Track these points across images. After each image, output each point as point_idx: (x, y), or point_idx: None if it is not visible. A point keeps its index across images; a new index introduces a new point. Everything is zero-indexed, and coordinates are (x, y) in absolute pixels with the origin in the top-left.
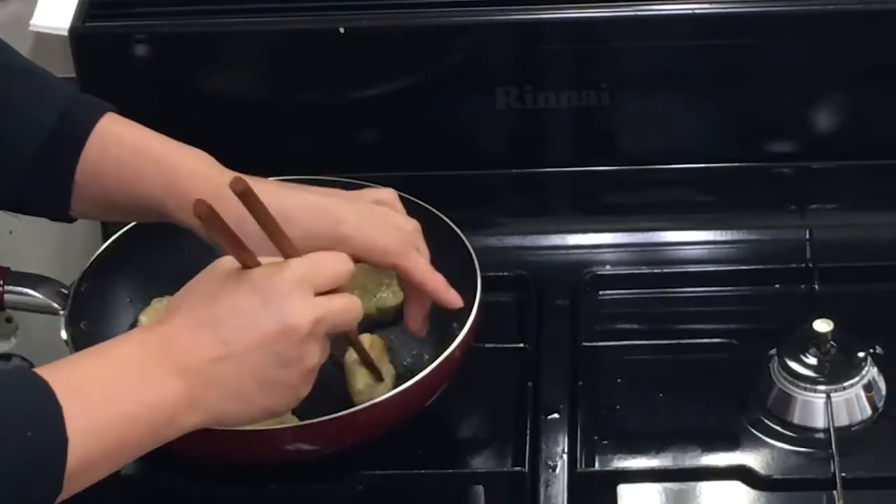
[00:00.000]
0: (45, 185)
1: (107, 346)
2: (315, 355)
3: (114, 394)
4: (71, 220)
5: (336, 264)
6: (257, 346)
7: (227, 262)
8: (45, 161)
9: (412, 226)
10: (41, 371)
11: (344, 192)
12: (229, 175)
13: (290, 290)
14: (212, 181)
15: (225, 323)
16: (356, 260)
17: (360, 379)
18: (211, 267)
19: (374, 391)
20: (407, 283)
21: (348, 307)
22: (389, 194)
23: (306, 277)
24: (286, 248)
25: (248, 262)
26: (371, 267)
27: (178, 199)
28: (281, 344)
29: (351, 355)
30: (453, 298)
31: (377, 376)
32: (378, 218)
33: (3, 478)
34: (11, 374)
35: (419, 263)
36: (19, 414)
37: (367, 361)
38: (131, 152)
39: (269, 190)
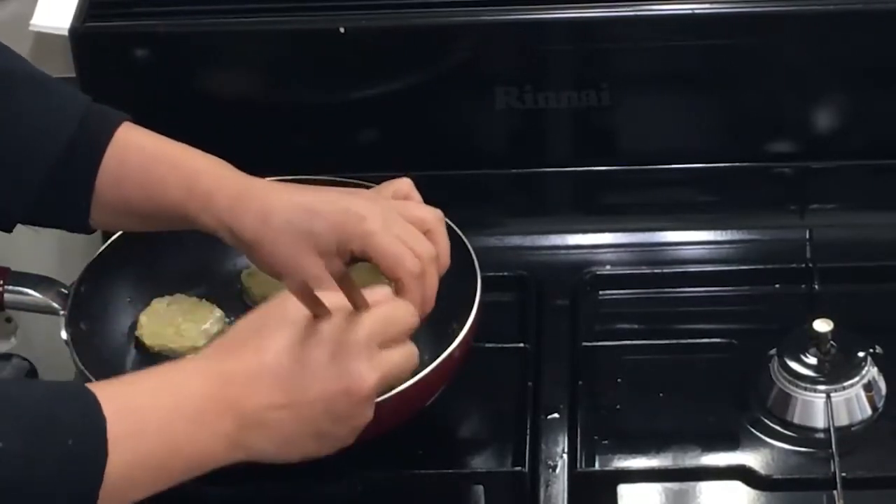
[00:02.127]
0: (64, 196)
1: (167, 371)
2: (369, 414)
3: (165, 424)
4: (90, 231)
5: (405, 318)
6: (317, 401)
7: (301, 310)
8: (64, 171)
9: (434, 216)
10: (95, 386)
11: (364, 190)
12: (247, 179)
13: (360, 350)
14: (232, 184)
15: (291, 374)
16: (363, 259)
17: None
18: (283, 307)
19: None
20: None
21: (408, 361)
22: (406, 184)
23: (376, 335)
24: (358, 302)
25: (320, 314)
26: (369, 267)
27: (199, 202)
28: (341, 402)
29: None
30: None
31: None
32: (400, 222)
33: (39, 482)
34: (63, 384)
35: (415, 293)
36: (63, 421)
37: None
38: (151, 158)
39: (294, 187)
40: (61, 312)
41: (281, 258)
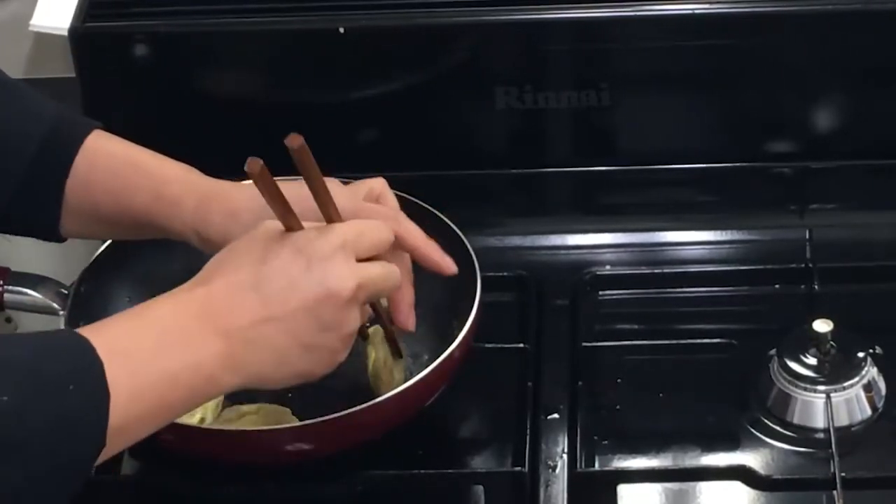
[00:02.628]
0: (34, 203)
1: (146, 307)
2: (355, 321)
3: (155, 354)
4: (60, 239)
5: (378, 231)
6: (300, 310)
7: (271, 224)
8: (33, 178)
9: (378, 182)
10: (84, 331)
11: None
12: (214, 182)
13: (333, 254)
14: (198, 188)
15: (268, 285)
16: None
17: (381, 351)
18: (254, 230)
19: (391, 370)
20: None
21: (388, 274)
22: (380, 183)
23: (349, 243)
24: (331, 214)
25: (292, 225)
26: None
27: (167, 208)
28: (323, 308)
29: (374, 330)
30: (448, 264)
31: (396, 352)
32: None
33: (45, 431)
34: (54, 333)
35: (412, 229)
36: (61, 369)
37: (390, 337)
38: (120, 164)
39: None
40: (61, 312)
41: None
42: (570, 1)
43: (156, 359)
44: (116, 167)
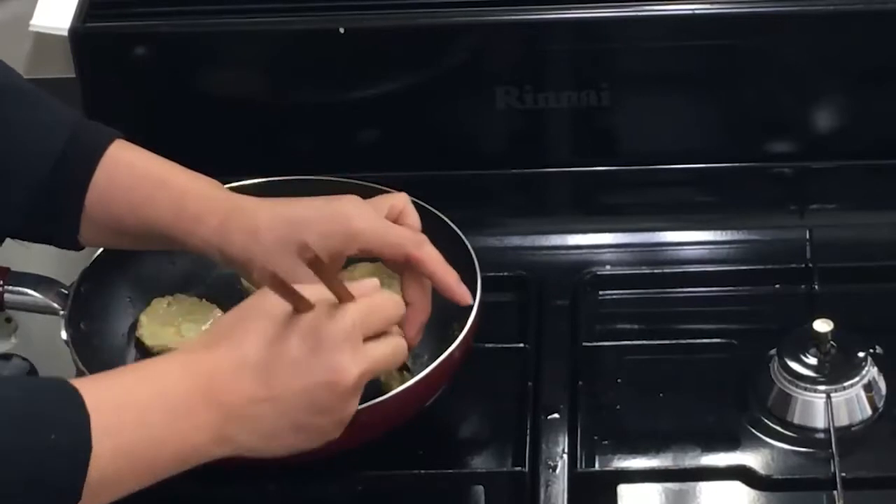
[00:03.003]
0: (53, 212)
1: (149, 365)
2: (353, 407)
3: (148, 417)
4: (79, 247)
5: (388, 309)
6: (300, 394)
7: (279, 305)
8: (53, 187)
9: (400, 198)
10: (77, 382)
11: (351, 196)
12: (237, 198)
13: (341, 342)
14: (220, 205)
15: (272, 367)
16: (366, 257)
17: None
18: (262, 301)
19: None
20: (412, 284)
21: (395, 353)
22: (402, 199)
23: (358, 325)
24: (341, 294)
25: (301, 308)
26: (373, 269)
27: (188, 225)
28: (324, 394)
29: None
30: (463, 294)
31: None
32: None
33: (22, 478)
34: (46, 379)
35: (433, 254)
36: (46, 416)
37: None
38: (142, 177)
39: (281, 201)
40: (61, 312)
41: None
42: (570, 1)
43: (147, 422)
44: (137, 180)
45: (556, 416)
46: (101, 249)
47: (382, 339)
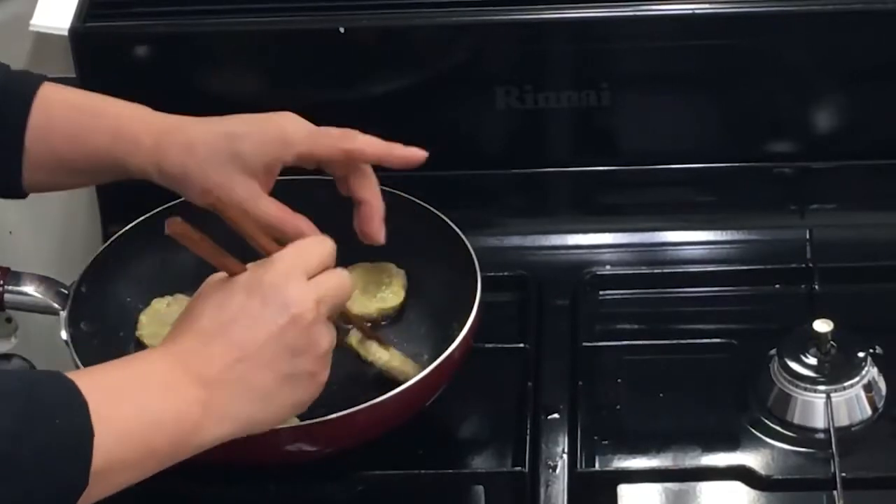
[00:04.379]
0: None
1: (129, 359)
2: (325, 337)
3: (139, 400)
4: (24, 194)
5: (319, 246)
6: (269, 342)
7: (216, 276)
8: None
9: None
10: (69, 374)
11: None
12: (171, 118)
13: (284, 282)
14: (155, 123)
15: (232, 328)
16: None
17: (376, 351)
18: (201, 288)
19: (401, 361)
20: (359, 182)
21: (342, 282)
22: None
23: (295, 266)
24: (267, 247)
25: (233, 269)
26: (369, 267)
27: (126, 146)
28: (290, 334)
29: (354, 335)
30: (415, 152)
31: (382, 343)
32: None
33: (34, 462)
34: (41, 372)
35: (369, 140)
36: (47, 401)
37: (369, 335)
38: (77, 109)
39: (216, 118)
40: (61, 312)
41: (210, 185)
42: (570, 1)
43: (139, 404)
44: (73, 113)
45: (556, 416)
46: (101, 249)
47: (324, 273)
